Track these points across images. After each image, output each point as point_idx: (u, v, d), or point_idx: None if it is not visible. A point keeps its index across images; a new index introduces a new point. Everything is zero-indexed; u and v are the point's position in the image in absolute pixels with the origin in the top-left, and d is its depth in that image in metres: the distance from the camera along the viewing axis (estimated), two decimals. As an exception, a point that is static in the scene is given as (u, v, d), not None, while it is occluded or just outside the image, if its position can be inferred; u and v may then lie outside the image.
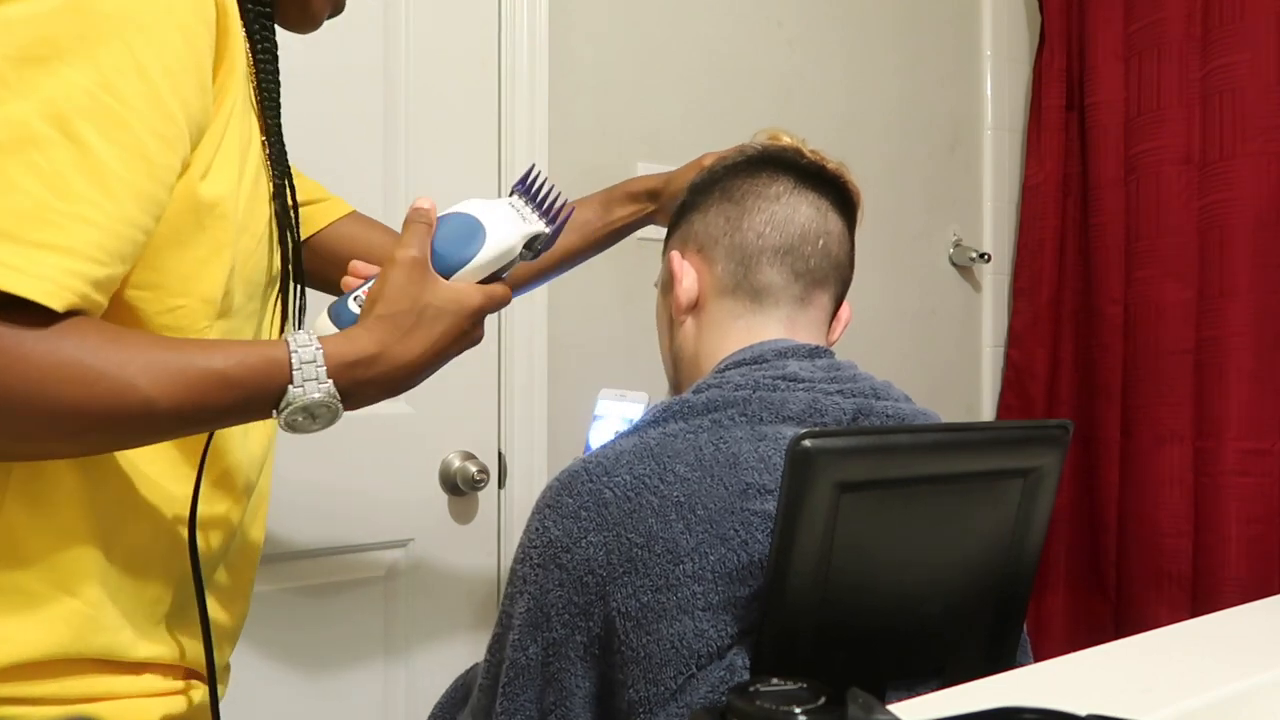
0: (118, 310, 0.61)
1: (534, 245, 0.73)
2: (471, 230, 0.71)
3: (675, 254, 0.90)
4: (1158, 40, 1.81)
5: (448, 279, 0.69)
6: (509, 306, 0.76)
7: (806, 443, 0.65)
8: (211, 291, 0.65)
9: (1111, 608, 1.86)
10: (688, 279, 0.88)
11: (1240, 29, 1.70)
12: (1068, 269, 1.99)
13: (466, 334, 0.70)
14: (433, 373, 0.69)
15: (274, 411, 0.61)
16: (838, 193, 0.90)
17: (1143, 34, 1.84)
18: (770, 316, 0.86)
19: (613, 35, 1.58)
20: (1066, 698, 0.54)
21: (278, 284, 0.74)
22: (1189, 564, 1.73)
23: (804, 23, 1.80)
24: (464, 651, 1.44)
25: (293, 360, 0.60)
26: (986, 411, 2.08)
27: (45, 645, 0.62)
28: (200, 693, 0.74)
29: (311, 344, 0.62)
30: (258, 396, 0.60)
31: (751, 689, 0.41)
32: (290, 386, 0.60)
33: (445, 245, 0.70)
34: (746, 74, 1.72)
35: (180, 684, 0.72)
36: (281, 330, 0.77)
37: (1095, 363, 1.91)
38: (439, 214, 0.72)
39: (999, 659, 0.82)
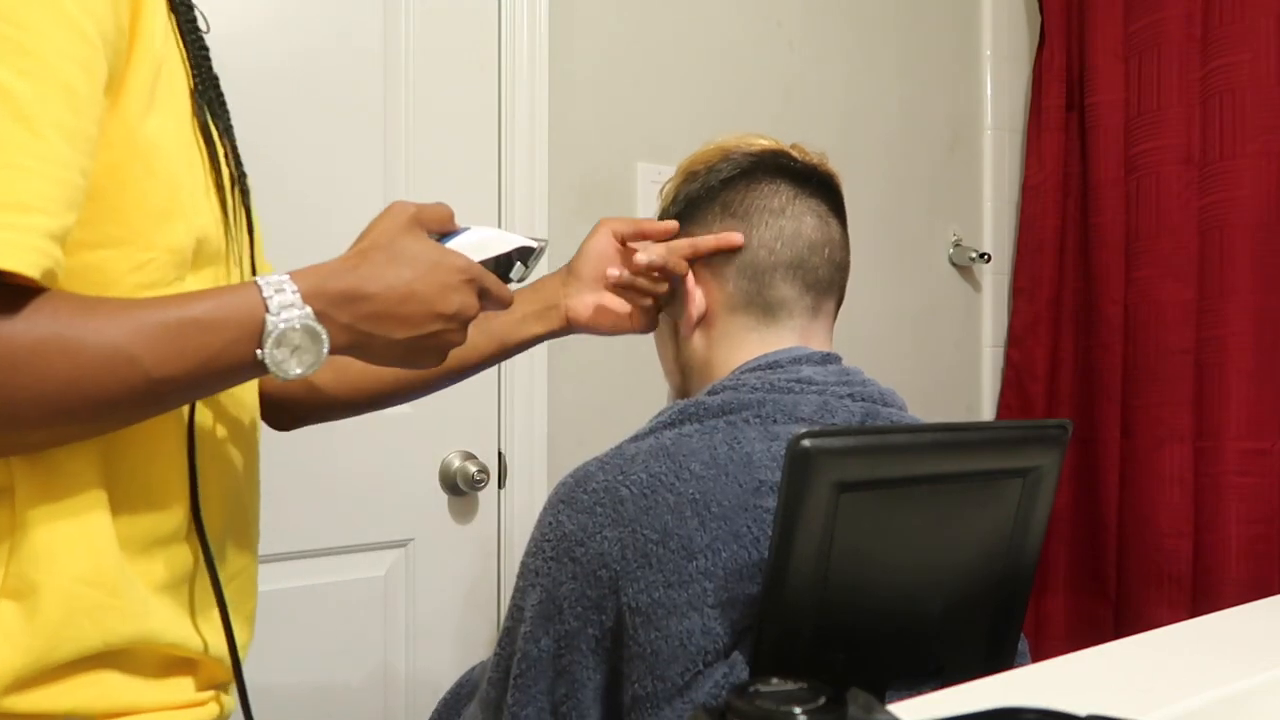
0: (85, 274, 0.57)
1: (526, 259, 0.77)
2: (461, 230, 0.76)
3: None
4: (1158, 40, 1.81)
5: None
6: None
7: (805, 442, 0.65)
8: (177, 240, 0.62)
9: (1111, 608, 1.85)
10: (696, 294, 0.88)
11: (1240, 29, 1.70)
12: (1068, 269, 1.99)
13: (449, 289, 0.66)
14: (421, 329, 0.65)
15: (257, 351, 0.58)
16: (829, 193, 0.90)
17: (1143, 34, 1.84)
18: (785, 328, 0.87)
19: (613, 35, 1.58)
20: (1066, 698, 0.54)
21: (232, 244, 0.71)
22: (1189, 564, 1.73)
23: (804, 23, 1.80)
24: (464, 651, 1.44)
25: (264, 289, 0.58)
26: (986, 411, 2.08)
27: (72, 645, 0.59)
28: (230, 701, 0.73)
29: (280, 275, 0.60)
30: (239, 336, 0.58)
31: (751, 689, 0.41)
32: (267, 315, 0.58)
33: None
34: (746, 74, 1.72)
35: (209, 694, 0.70)
36: None
37: (1095, 363, 1.91)
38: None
39: (998, 659, 0.82)
